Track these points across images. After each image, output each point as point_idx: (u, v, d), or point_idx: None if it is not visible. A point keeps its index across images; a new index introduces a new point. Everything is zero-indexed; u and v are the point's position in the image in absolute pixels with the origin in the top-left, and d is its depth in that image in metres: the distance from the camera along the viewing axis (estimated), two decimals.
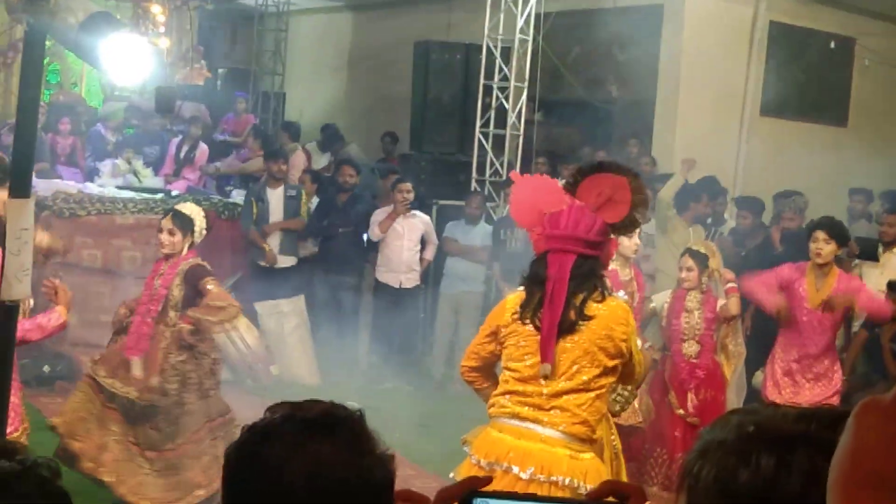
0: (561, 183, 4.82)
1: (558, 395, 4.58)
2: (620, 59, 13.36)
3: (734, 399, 7.56)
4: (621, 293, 5.68)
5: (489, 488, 1.48)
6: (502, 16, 11.78)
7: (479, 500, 1.04)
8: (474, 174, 12.04)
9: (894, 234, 9.23)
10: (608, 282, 4.91)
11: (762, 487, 1.16)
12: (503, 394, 4.69)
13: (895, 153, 12.08)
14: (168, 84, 10.34)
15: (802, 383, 7.48)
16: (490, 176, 11.98)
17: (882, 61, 13.68)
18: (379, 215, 10.49)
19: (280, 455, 1.73)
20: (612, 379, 4.68)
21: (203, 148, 13.07)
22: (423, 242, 10.60)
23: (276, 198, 10.62)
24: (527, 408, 4.60)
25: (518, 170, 11.82)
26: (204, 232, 6.64)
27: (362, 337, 10.77)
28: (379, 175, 12.39)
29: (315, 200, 11.07)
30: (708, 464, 1.24)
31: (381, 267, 10.57)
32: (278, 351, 10.26)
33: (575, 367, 4.58)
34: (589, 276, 4.62)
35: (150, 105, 11.17)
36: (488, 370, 4.90)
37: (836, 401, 7.39)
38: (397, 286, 10.46)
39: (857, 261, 9.34)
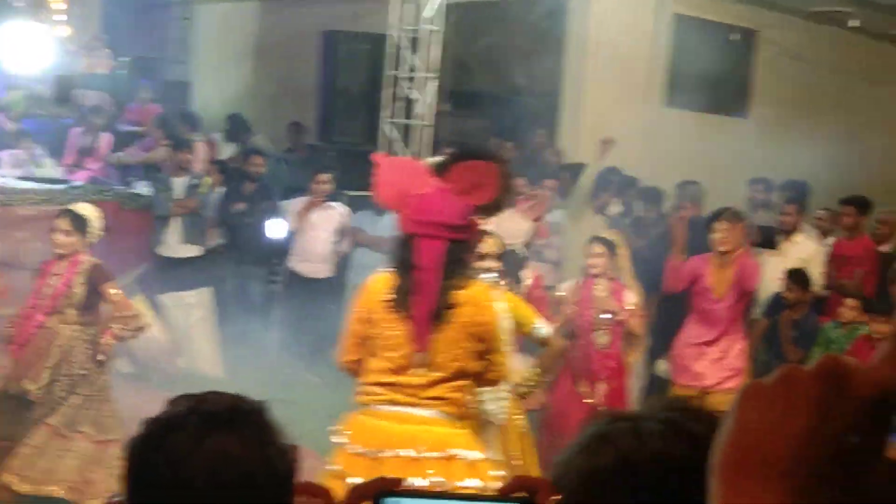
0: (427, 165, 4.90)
1: (434, 384, 4.66)
2: (527, 50, 13.44)
3: (635, 386, 7.66)
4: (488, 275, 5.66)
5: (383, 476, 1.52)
6: (410, 6, 11.76)
7: (389, 500, 1.04)
8: None
9: (793, 222, 9.46)
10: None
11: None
12: (375, 384, 4.72)
13: (795, 143, 12.33)
14: (70, 73, 10.16)
15: (707, 366, 7.61)
16: None
17: (783, 53, 13.94)
18: (296, 205, 10.44)
19: (183, 448, 1.72)
20: (486, 363, 4.76)
21: (106, 137, 12.83)
22: (341, 234, 10.58)
23: (179, 186, 10.56)
24: (402, 395, 4.65)
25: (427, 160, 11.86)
26: (100, 233, 6.60)
27: (272, 328, 10.72)
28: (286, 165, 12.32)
29: (221, 191, 10.98)
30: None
31: (295, 257, 10.53)
32: (184, 344, 10.17)
33: (449, 356, 4.65)
34: (457, 262, 4.69)
35: (46, 92, 10.96)
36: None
37: (736, 382, 7.52)
38: (311, 276, 10.42)
39: (758, 250, 9.53)
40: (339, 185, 11.48)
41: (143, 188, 11.58)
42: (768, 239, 9.49)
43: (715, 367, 7.61)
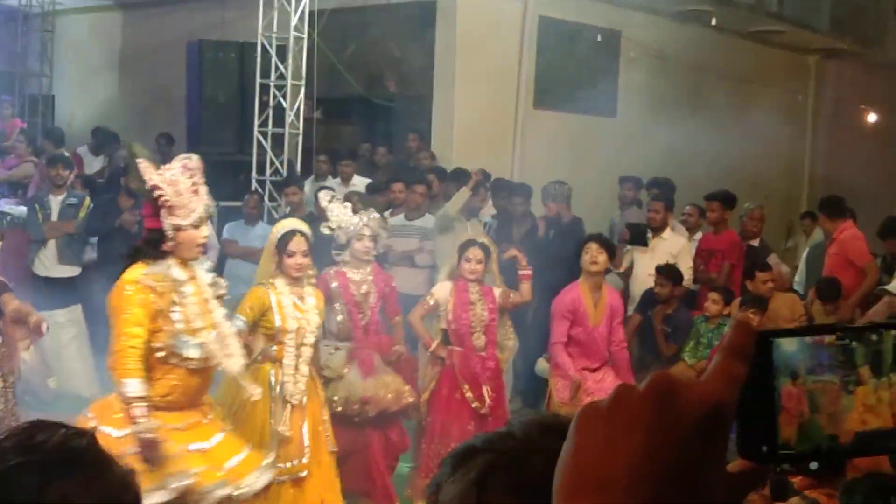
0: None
1: None
2: (396, 56, 13.46)
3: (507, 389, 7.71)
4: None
5: None
6: (276, 13, 11.69)
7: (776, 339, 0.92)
8: (254, 174, 11.92)
9: (661, 219, 9.66)
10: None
11: None
12: None
13: (661, 141, 12.60)
14: None
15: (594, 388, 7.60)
16: (270, 175, 11.88)
17: (646, 53, 14.22)
18: None
19: (22, 499, 1.63)
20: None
21: None
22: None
23: (56, 205, 10.33)
24: None
25: (299, 168, 11.80)
26: None
27: None
28: None
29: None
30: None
31: None
32: (56, 363, 9.91)
33: None
34: (138, 247, 5.34)
35: None
36: None
37: None
38: None
39: (628, 246, 9.71)
40: (210, 196, 11.32)
41: (8, 206, 11.28)
42: (639, 236, 9.68)
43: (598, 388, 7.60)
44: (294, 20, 11.60)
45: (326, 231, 7.03)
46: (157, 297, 5.15)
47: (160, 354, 5.19)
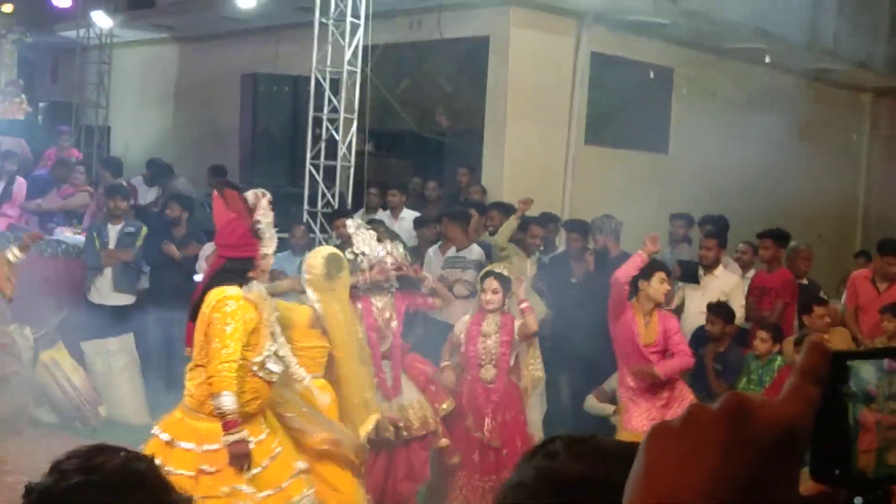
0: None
1: (188, 372, 5.59)
2: (448, 91, 13.52)
3: (536, 419, 7.62)
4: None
5: None
6: (330, 48, 11.77)
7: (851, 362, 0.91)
8: (306, 206, 11.97)
9: (713, 256, 9.57)
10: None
11: None
12: None
13: (713, 179, 12.52)
14: None
15: (655, 409, 7.54)
16: (322, 207, 11.93)
17: (699, 90, 14.18)
18: (207, 250, 10.33)
19: None
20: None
21: (20, 182, 12.63)
22: None
23: (114, 234, 10.49)
24: None
25: (350, 200, 11.85)
26: None
27: None
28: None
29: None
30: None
31: None
32: (107, 391, 10.00)
33: (196, 349, 5.48)
34: (223, 273, 5.53)
35: None
36: None
37: None
38: None
39: (679, 283, 9.64)
40: None
41: (64, 234, 11.43)
42: (690, 273, 9.60)
43: (665, 412, 7.53)
44: (348, 54, 11.68)
45: (350, 256, 7.09)
46: (256, 314, 5.48)
47: (254, 368, 5.49)
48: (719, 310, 8.70)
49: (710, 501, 0.82)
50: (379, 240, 7.17)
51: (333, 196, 11.89)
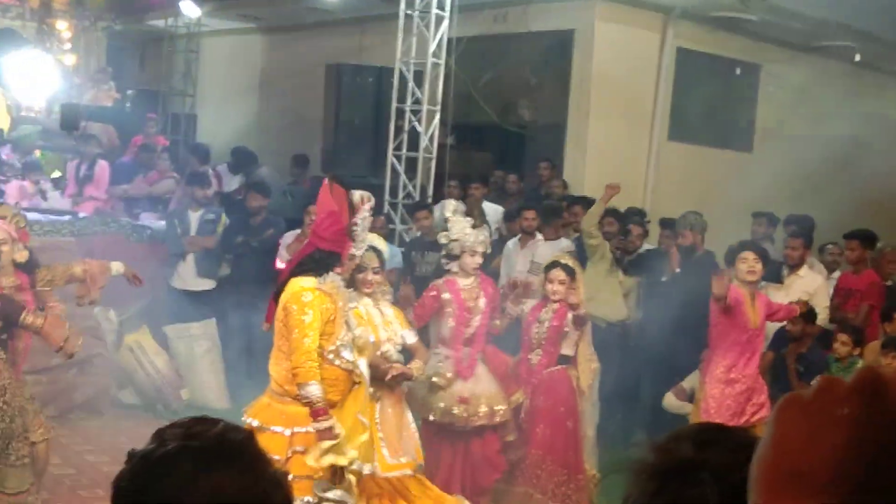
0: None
1: (271, 358, 5.78)
2: (531, 84, 13.49)
3: (589, 412, 7.57)
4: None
5: None
6: (414, 39, 11.81)
7: None
8: (387, 197, 12.03)
9: (798, 256, 9.44)
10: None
11: None
12: None
13: (799, 178, 12.34)
14: (75, 102, 10.22)
15: (742, 403, 7.50)
16: (402, 199, 11.98)
17: (786, 87, 13.98)
18: (288, 238, 10.43)
19: (178, 489, 1.67)
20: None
21: (103, 165, 12.82)
22: None
23: (195, 220, 10.63)
24: None
25: (431, 193, 11.88)
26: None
27: None
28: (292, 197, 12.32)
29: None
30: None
31: None
32: (188, 375, 10.14)
33: (276, 334, 5.69)
34: (309, 261, 5.68)
35: (58, 126, 11.01)
36: None
37: (766, 413, 7.44)
38: None
39: (763, 283, 9.51)
40: None
41: (149, 220, 11.61)
42: (773, 273, 9.48)
43: (742, 400, 7.51)
44: (432, 46, 11.71)
45: (443, 240, 7.26)
46: (332, 304, 5.64)
47: (331, 356, 5.67)
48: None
49: (839, 473, 0.81)
50: (473, 226, 7.29)
51: (414, 188, 11.93)
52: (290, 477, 1.82)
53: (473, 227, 7.31)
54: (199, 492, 1.66)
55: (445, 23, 11.73)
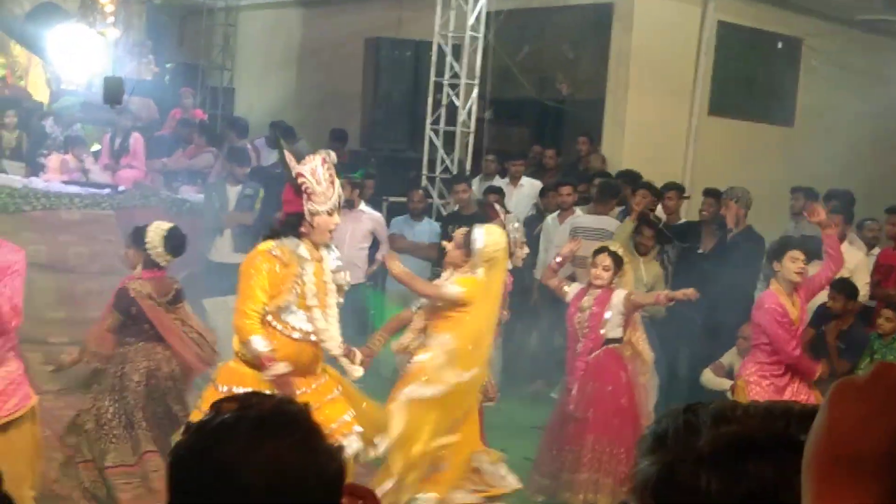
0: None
1: None
2: (570, 58, 13.42)
3: (644, 398, 7.53)
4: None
5: None
6: (453, 13, 11.78)
7: None
8: (424, 171, 12.03)
9: (838, 232, 9.33)
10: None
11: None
12: None
13: (840, 153, 12.22)
14: (118, 75, 10.25)
15: (784, 385, 7.42)
16: (440, 173, 11.98)
17: (828, 62, 13.83)
18: None
19: (235, 456, 1.69)
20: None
21: (137, 137, 12.85)
22: (377, 240, 10.52)
23: (233, 195, 10.66)
24: None
25: (468, 167, 11.87)
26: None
27: None
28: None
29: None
30: (684, 480, 1.22)
31: None
32: (227, 347, 10.18)
33: None
34: (274, 227, 5.89)
35: (100, 100, 11.05)
36: None
37: (814, 398, 7.35)
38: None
39: None
40: (380, 191, 11.49)
41: (188, 193, 11.66)
42: (813, 249, 9.39)
43: (784, 382, 7.41)
44: (471, 20, 11.66)
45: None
46: (283, 268, 5.64)
47: (269, 318, 5.67)
48: (842, 286, 8.50)
49: (892, 461, 0.80)
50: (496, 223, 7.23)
51: (452, 162, 11.92)
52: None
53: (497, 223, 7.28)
54: (256, 460, 1.69)
55: None
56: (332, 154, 5.90)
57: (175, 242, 6.82)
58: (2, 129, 12.50)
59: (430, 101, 11.95)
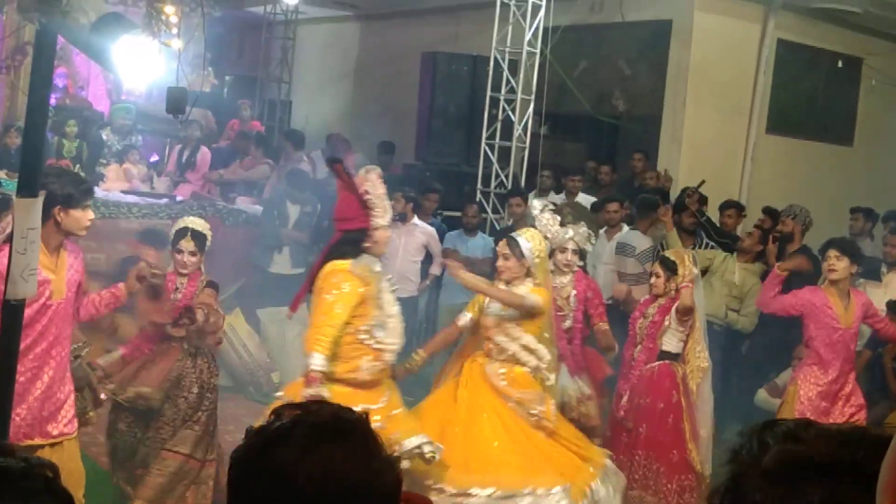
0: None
1: None
2: (627, 74, 13.37)
3: (703, 410, 7.46)
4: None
5: None
6: (510, 28, 11.79)
7: None
8: (479, 185, 12.03)
9: None
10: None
11: None
12: None
13: None
14: (180, 86, 10.36)
15: (834, 404, 7.36)
16: (495, 188, 11.97)
17: (888, 81, 13.68)
18: None
19: (291, 459, 1.72)
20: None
21: (205, 152, 13.03)
22: (423, 253, 10.54)
23: (293, 212, 10.80)
24: None
25: (523, 182, 11.86)
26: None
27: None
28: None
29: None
30: (748, 492, 1.23)
31: None
32: (279, 358, 10.24)
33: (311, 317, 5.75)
34: (339, 246, 5.76)
35: (158, 110, 11.19)
36: None
37: (863, 416, 7.29)
38: None
39: (860, 280, 9.33)
40: (436, 206, 11.50)
41: (244, 204, 11.76)
42: (872, 270, 9.29)
43: (841, 405, 7.35)
44: (528, 35, 11.67)
45: None
46: (365, 287, 5.68)
47: (362, 336, 5.69)
48: None
49: None
50: (562, 224, 7.25)
51: (507, 177, 11.92)
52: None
53: (568, 222, 7.30)
54: (311, 463, 1.71)
55: (542, 11, 11.68)
56: (379, 169, 5.96)
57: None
58: (62, 139, 12.68)
59: (485, 115, 11.96)
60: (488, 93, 11.95)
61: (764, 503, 1.19)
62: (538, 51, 11.81)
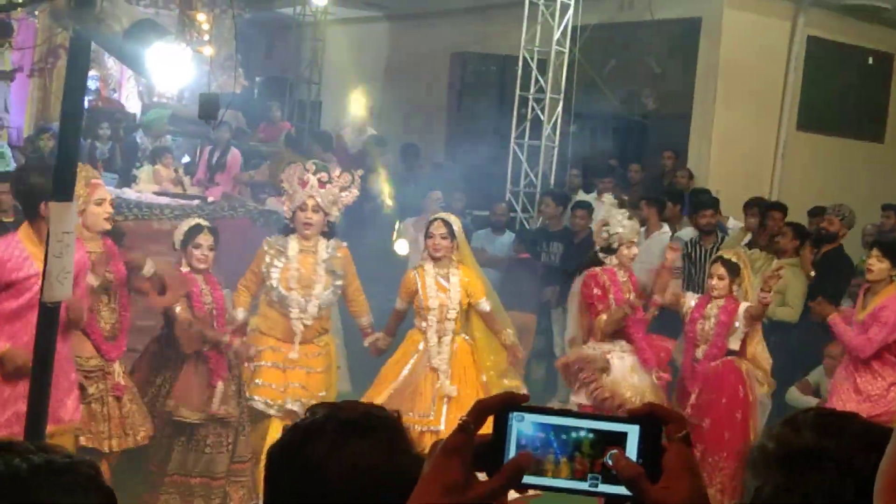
0: None
1: None
2: (656, 72, 13.36)
3: (758, 413, 7.45)
4: None
5: None
6: (539, 27, 11.81)
7: (514, 413, 1.08)
8: (509, 185, 12.05)
9: None
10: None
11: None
12: None
13: None
14: (212, 91, 10.43)
15: (870, 403, 7.32)
16: (524, 187, 11.99)
17: None
18: (407, 223, 10.52)
19: (322, 453, 1.78)
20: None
21: (235, 153, 13.09)
22: None
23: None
24: None
25: (552, 181, 11.87)
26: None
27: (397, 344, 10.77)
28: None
29: None
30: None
31: None
32: None
33: None
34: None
35: (190, 113, 11.27)
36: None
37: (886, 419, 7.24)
38: None
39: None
40: (465, 205, 11.52)
41: (275, 205, 11.80)
42: None
43: (870, 400, 7.31)
44: (557, 34, 11.68)
45: (603, 234, 7.27)
46: (269, 258, 6.80)
47: (264, 296, 6.88)
48: None
49: None
50: (630, 217, 7.33)
51: (536, 176, 11.93)
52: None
53: (630, 217, 7.36)
54: (341, 457, 1.77)
55: (570, 11, 11.69)
56: (311, 165, 6.94)
57: None
58: (95, 141, 12.79)
59: (514, 114, 11.98)
60: (517, 92, 11.96)
61: (762, 489, 1.25)
62: (567, 50, 11.81)
